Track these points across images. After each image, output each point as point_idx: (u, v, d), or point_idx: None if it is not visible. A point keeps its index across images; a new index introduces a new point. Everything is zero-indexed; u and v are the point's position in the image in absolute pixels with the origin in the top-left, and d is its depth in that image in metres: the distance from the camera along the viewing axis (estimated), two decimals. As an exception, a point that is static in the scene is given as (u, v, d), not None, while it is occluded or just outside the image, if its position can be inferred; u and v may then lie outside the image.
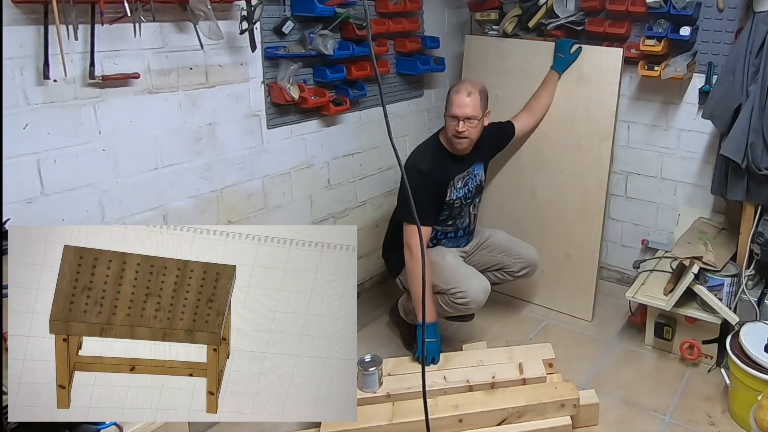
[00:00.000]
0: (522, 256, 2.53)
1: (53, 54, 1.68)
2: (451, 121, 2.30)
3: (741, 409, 2.13)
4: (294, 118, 2.51)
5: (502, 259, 2.54)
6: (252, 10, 2.11)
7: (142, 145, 2.01)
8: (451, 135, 2.31)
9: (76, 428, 1.49)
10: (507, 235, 2.62)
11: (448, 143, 2.38)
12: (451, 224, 2.46)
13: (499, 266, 2.54)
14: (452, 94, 2.31)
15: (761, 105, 2.24)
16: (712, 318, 2.42)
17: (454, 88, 2.34)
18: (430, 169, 2.29)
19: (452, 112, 2.29)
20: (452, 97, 2.30)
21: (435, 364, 2.25)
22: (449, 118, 2.30)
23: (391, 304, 2.76)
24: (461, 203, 2.43)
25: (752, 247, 2.38)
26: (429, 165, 2.30)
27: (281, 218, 2.54)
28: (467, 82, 2.37)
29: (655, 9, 2.51)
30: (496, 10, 3.04)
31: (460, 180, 2.40)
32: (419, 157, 2.35)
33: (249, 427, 2.13)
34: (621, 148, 2.97)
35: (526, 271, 2.55)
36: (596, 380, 2.42)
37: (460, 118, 2.27)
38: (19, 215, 1.72)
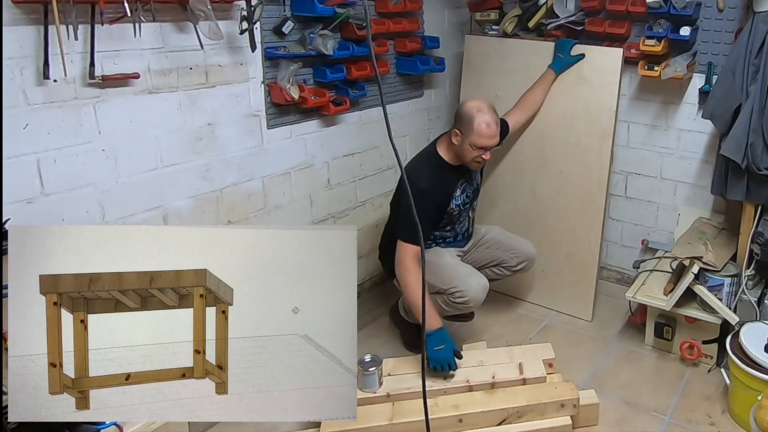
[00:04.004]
0: (518, 250, 2.55)
1: (53, 54, 1.68)
2: (477, 151, 2.24)
3: (741, 409, 2.13)
4: (294, 118, 2.51)
5: (499, 254, 2.55)
6: (252, 10, 2.11)
7: (142, 145, 2.01)
8: (471, 160, 2.27)
9: (76, 428, 1.49)
10: (502, 231, 2.63)
11: (448, 155, 2.33)
12: (450, 230, 2.46)
13: (496, 262, 2.55)
14: (481, 126, 2.20)
15: (761, 105, 2.24)
16: (712, 318, 2.42)
17: (480, 121, 2.20)
18: (432, 187, 2.25)
19: (482, 143, 2.22)
20: (482, 129, 2.20)
21: (453, 371, 2.17)
22: (475, 149, 2.23)
23: (391, 304, 2.76)
24: (460, 210, 2.43)
25: (752, 247, 2.38)
26: (430, 183, 2.25)
27: (281, 218, 2.54)
28: (487, 109, 2.25)
29: (655, 9, 2.51)
30: (496, 10, 3.04)
31: (459, 188, 2.39)
32: (419, 174, 2.25)
33: (249, 427, 2.13)
34: (621, 148, 2.97)
35: (524, 265, 2.56)
36: (596, 380, 2.42)
37: (490, 149, 2.26)
38: (19, 215, 1.72)
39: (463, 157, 2.29)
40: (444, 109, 3.32)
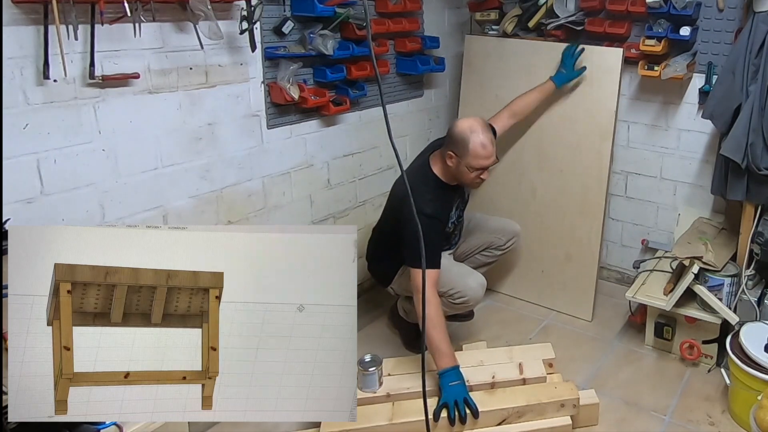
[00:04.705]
0: (504, 229, 2.58)
1: (53, 54, 1.68)
2: (475, 171, 2.17)
3: (741, 409, 2.13)
4: (294, 118, 2.51)
5: (486, 237, 2.57)
6: (252, 10, 2.11)
7: (142, 145, 2.01)
8: (471, 181, 2.22)
9: (76, 428, 1.49)
10: (482, 215, 2.67)
11: (444, 175, 2.26)
12: (445, 246, 2.47)
13: (485, 246, 2.57)
14: (477, 148, 2.12)
15: (761, 105, 2.24)
16: (712, 318, 2.42)
17: (475, 139, 2.12)
18: (436, 210, 2.19)
19: (480, 165, 2.15)
20: (478, 151, 2.12)
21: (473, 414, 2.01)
22: (473, 170, 2.16)
23: (390, 305, 2.76)
24: (454, 226, 2.44)
25: (752, 247, 2.38)
26: (433, 207, 2.18)
27: (281, 218, 2.54)
28: (481, 128, 2.16)
29: (655, 9, 2.51)
30: (496, 10, 3.04)
31: (455, 208, 2.39)
32: (420, 199, 2.11)
33: (249, 427, 2.13)
34: (621, 147, 2.97)
35: (513, 242, 2.60)
36: (596, 380, 2.42)
37: (488, 168, 2.20)
38: (19, 215, 1.72)
39: (462, 179, 2.23)
40: (444, 109, 3.32)
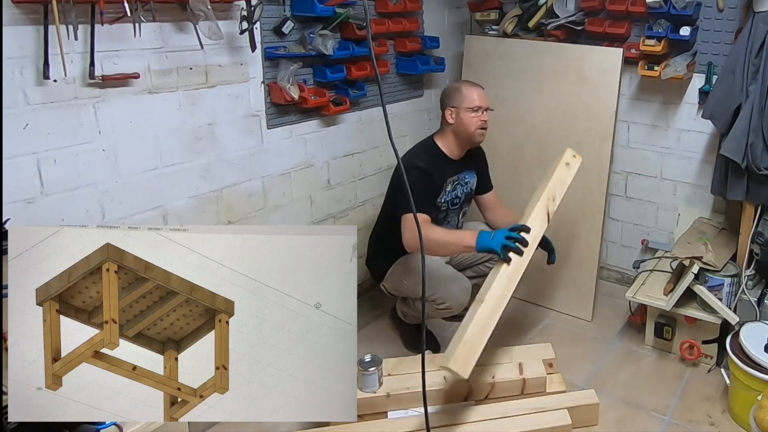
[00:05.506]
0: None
1: (53, 54, 1.68)
2: (474, 113, 2.31)
3: (741, 409, 2.13)
4: (294, 118, 2.51)
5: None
6: (252, 10, 2.11)
7: (142, 145, 2.01)
8: (474, 128, 2.32)
9: (76, 428, 1.49)
10: (483, 225, 2.61)
11: (446, 146, 2.39)
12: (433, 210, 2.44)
13: (487, 257, 2.50)
14: (468, 90, 2.33)
15: (761, 105, 2.24)
16: (712, 318, 2.42)
17: (466, 86, 2.36)
18: (429, 167, 2.29)
19: (476, 103, 2.31)
20: (470, 93, 2.33)
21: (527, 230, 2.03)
22: (471, 112, 2.31)
23: (391, 305, 2.76)
24: (447, 208, 2.43)
25: (752, 247, 2.38)
26: (428, 164, 2.30)
27: (281, 218, 2.54)
28: (469, 82, 2.43)
29: (655, 9, 2.51)
30: (496, 10, 3.04)
31: (451, 183, 2.40)
32: (417, 156, 2.34)
33: (249, 427, 2.13)
34: (621, 148, 2.97)
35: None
36: (596, 380, 2.42)
37: (484, 108, 2.32)
38: (19, 215, 1.72)
39: (466, 130, 2.33)
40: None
